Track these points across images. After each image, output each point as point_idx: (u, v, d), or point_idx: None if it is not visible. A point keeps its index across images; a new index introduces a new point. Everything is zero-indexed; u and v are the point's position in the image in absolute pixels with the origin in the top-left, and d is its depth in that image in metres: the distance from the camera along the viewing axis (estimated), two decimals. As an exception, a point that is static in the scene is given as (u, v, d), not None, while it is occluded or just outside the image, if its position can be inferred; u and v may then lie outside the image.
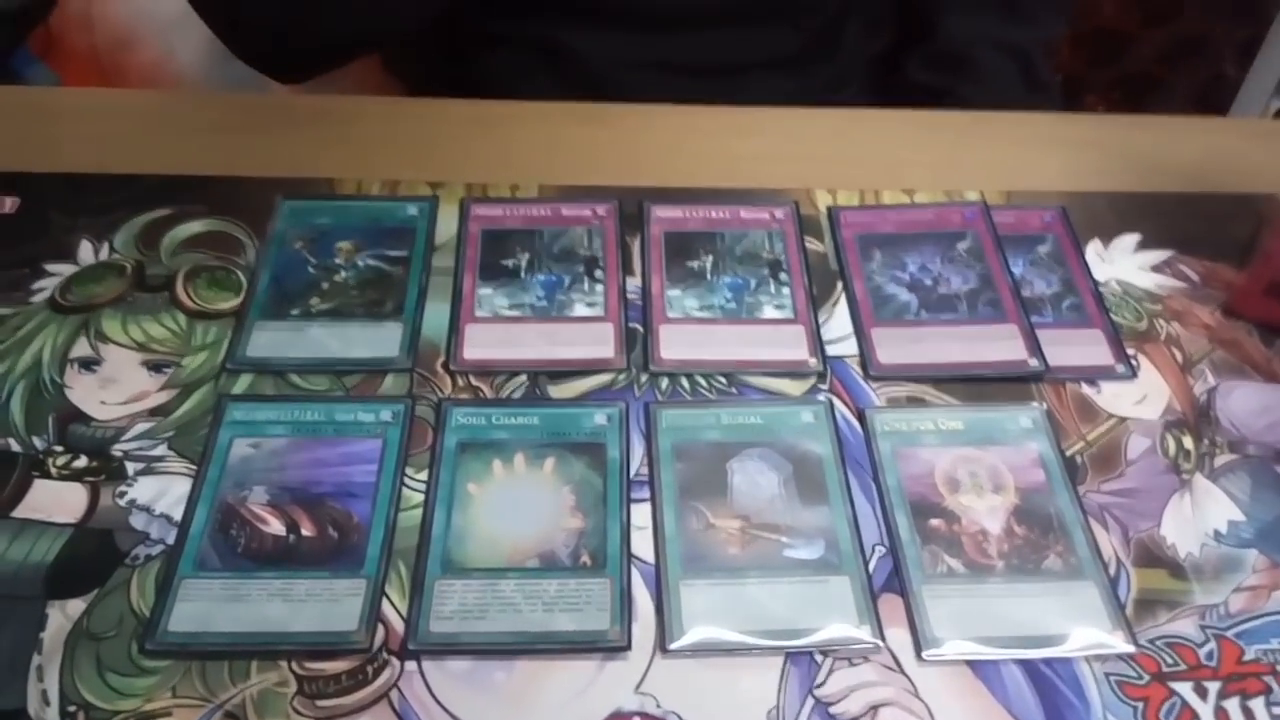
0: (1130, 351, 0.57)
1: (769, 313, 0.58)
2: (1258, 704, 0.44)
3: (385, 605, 0.45)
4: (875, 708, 0.43)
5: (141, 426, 0.51)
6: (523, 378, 0.54)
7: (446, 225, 0.62)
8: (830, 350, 0.57)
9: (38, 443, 0.50)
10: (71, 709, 0.41)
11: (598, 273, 0.60)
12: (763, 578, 0.47)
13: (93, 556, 0.46)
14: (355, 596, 0.45)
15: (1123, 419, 0.54)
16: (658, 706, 0.43)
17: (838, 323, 0.58)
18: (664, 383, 0.55)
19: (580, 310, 0.58)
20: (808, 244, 0.62)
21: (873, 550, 0.48)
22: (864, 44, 0.86)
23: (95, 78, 1.10)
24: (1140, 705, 0.43)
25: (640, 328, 0.57)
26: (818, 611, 0.46)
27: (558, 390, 0.54)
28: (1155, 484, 0.51)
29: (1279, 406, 0.55)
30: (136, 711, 0.41)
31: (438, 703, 0.42)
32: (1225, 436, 0.54)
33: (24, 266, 0.58)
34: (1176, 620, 0.46)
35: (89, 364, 0.53)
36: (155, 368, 0.54)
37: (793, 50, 0.81)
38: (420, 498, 0.49)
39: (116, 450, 0.50)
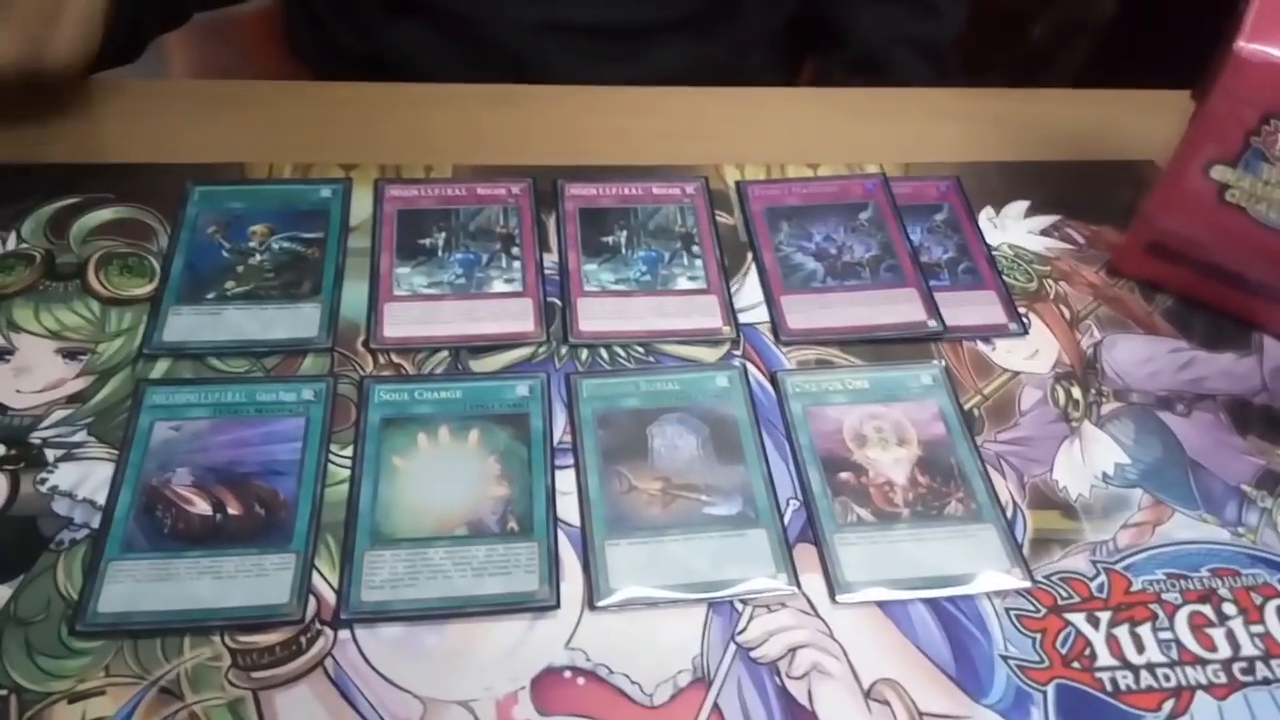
0: (1022, 310, 0.61)
1: (683, 284, 0.60)
2: (1145, 630, 0.47)
3: (316, 578, 0.46)
4: (794, 650, 0.45)
5: (59, 414, 0.51)
6: (444, 353, 0.55)
7: (361, 207, 0.62)
8: (742, 318, 0.59)
9: (-48, 434, 0.49)
10: (2, 693, 0.41)
11: (515, 249, 0.61)
12: (684, 534, 0.49)
13: (16, 544, 0.46)
14: (285, 570, 0.46)
15: (1016, 373, 0.57)
16: (587, 660, 0.44)
17: (749, 291, 0.60)
18: (584, 354, 0.56)
19: (499, 287, 0.59)
20: (718, 217, 0.64)
21: (787, 504, 0.50)
22: (765, 13, 0.87)
23: None
24: (1038, 636, 0.47)
25: (559, 302, 0.58)
26: (737, 563, 0.48)
27: (479, 365, 0.55)
28: (1047, 432, 0.55)
29: (1159, 357, 0.59)
30: (70, 692, 0.42)
31: (372, 668, 0.43)
32: (1110, 386, 0.57)
33: (-73, 258, 0.57)
34: (1069, 557, 0.50)
35: (2, 354, 0.53)
36: (70, 355, 0.53)
37: (692, 11, 0.81)
38: (346, 473, 0.50)
39: (35, 438, 0.50)
